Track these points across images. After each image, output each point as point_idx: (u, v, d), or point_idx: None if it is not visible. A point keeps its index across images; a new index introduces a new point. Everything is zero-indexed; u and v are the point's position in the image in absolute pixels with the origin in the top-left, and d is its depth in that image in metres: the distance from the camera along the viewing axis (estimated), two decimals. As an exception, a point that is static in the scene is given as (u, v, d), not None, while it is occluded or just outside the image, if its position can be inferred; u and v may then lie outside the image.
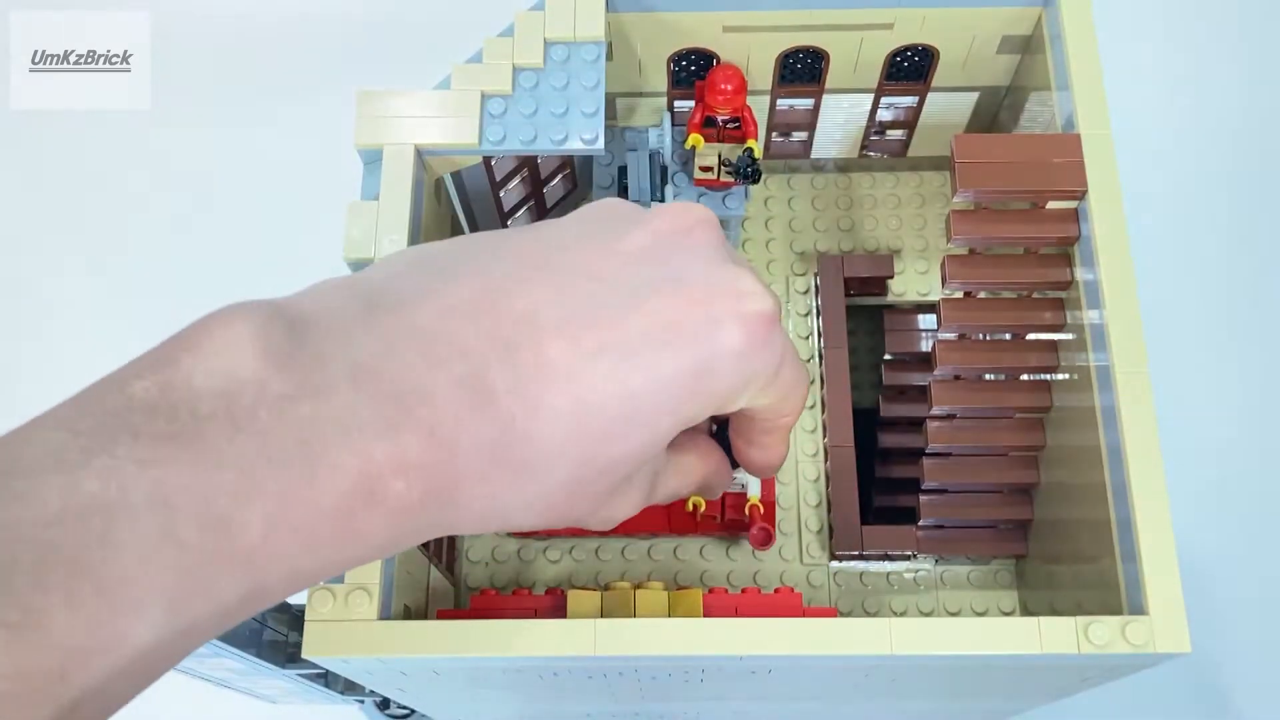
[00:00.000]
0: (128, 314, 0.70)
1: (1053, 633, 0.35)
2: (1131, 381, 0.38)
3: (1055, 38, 0.45)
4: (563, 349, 0.23)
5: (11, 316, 0.73)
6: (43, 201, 0.76)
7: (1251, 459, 0.60)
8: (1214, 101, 0.70)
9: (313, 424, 0.20)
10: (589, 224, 0.28)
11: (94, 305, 0.72)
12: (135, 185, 0.76)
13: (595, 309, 0.24)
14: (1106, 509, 0.39)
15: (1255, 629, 0.57)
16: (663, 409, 0.25)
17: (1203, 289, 0.65)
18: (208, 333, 0.20)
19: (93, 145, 0.76)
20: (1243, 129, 0.69)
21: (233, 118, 0.76)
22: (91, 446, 0.18)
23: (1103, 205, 0.41)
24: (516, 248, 0.26)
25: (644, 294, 0.25)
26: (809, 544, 0.51)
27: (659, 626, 0.36)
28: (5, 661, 0.16)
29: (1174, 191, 0.67)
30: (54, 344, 0.71)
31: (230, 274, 0.69)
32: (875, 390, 0.55)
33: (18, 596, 0.16)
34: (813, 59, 0.50)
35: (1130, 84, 0.61)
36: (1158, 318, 0.49)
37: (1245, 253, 0.66)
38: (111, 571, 0.17)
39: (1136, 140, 0.60)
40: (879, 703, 0.47)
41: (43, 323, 0.72)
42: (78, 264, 0.74)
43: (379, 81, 0.43)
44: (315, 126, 0.65)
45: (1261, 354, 0.63)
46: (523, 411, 0.23)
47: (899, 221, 0.57)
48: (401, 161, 0.42)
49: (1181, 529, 0.37)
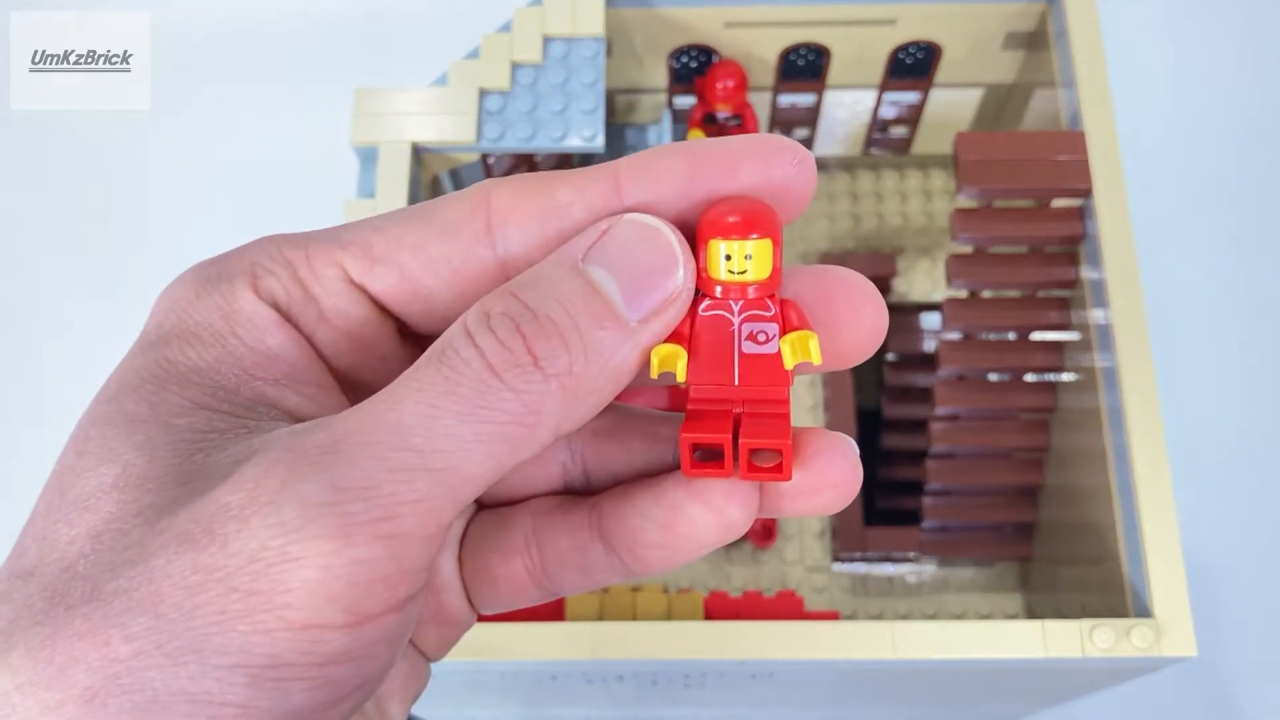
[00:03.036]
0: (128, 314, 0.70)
1: (1057, 636, 0.35)
2: (1137, 382, 0.38)
3: (1060, 34, 0.44)
4: None
5: (11, 316, 0.72)
6: (43, 201, 0.75)
7: (1259, 461, 0.60)
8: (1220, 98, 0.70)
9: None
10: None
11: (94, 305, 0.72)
12: (135, 185, 0.76)
13: None
14: (1112, 511, 0.39)
15: (1262, 633, 0.56)
16: None
17: (1210, 288, 0.64)
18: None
19: (93, 145, 0.76)
20: (1250, 126, 0.69)
21: (233, 117, 0.76)
22: None
23: (1108, 203, 0.40)
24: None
25: None
26: (811, 546, 0.51)
27: (659, 630, 0.35)
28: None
29: (1180, 189, 0.67)
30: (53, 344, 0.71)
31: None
32: (878, 391, 0.54)
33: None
34: (815, 55, 0.50)
35: (1135, 81, 0.61)
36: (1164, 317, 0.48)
37: (1253, 251, 0.65)
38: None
39: (1142, 137, 0.60)
40: (881, 707, 0.47)
41: (42, 322, 0.72)
42: (77, 264, 0.74)
43: (377, 79, 0.43)
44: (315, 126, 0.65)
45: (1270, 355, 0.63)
46: None
47: (902, 220, 0.57)
48: (398, 159, 0.41)
49: (1188, 531, 0.37)
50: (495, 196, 0.18)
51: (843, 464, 0.18)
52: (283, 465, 0.15)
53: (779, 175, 0.17)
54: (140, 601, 0.15)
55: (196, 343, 0.17)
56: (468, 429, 0.15)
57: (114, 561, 0.15)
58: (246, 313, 0.18)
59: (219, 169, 0.76)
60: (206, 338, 0.17)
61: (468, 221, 0.18)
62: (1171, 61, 0.70)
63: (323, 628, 0.15)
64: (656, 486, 0.19)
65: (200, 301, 0.18)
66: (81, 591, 0.15)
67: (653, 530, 0.18)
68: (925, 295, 0.55)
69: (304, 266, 0.18)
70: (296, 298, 0.18)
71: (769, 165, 0.17)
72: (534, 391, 0.16)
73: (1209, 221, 0.67)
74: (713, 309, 0.17)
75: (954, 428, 0.47)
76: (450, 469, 0.15)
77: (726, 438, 0.17)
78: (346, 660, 0.15)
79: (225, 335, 0.17)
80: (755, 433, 0.17)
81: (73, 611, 0.15)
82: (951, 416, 0.47)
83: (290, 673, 0.15)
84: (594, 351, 0.16)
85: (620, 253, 0.17)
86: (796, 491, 0.18)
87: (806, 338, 0.17)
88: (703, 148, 0.18)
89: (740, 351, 0.18)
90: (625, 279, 0.17)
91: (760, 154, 0.17)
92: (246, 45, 0.78)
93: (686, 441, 0.17)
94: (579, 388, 0.16)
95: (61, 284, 0.74)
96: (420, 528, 0.15)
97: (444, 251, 0.18)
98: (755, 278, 0.17)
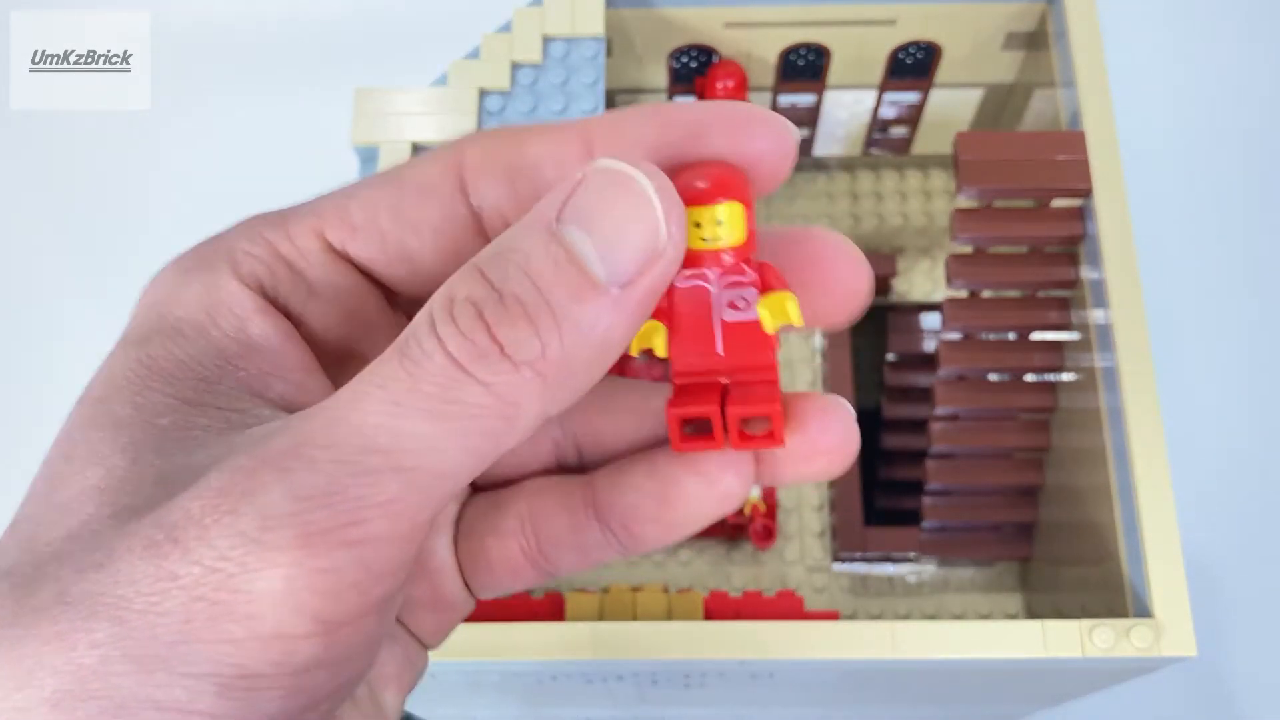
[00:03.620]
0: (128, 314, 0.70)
1: (1057, 636, 0.35)
2: (1137, 382, 0.38)
3: (1060, 34, 0.44)
4: None
5: (11, 316, 0.72)
6: (43, 201, 0.75)
7: (1259, 460, 0.60)
8: (1221, 98, 0.70)
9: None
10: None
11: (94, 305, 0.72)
12: (135, 185, 0.76)
13: None
14: (1112, 511, 0.39)
15: (1262, 633, 0.56)
16: None
17: (1210, 288, 0.64)
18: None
19: (93, 145, 0.76)
20: (1250, 126, 0.69)
21: (233, 117, 0.76)
22: None
23: (1108, 203, 0.40)
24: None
25: None
26: (811, 546, 0.51)
27: (659, 630, 0.35)
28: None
29: (1180, 189, 0.67)
30: (53, 344, 0.71)
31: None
32: (878, 391, 0.54)
33: None
34: (815, 55, 0.50)
35: (1135, 81, 0.61)
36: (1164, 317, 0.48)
37: (1253, 251, 0.65)
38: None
39: (1142, 137, 0.60)
40: (881, 707, 0.47)
41: (42, 322, 0.72)
42: (77, 264, 0.74)
43: (377, 79, 0.43)
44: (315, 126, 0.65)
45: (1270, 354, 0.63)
46: None
47: (902, 220, 0.57)
48: (398, 159, 0.41)
49: (1188, 531, 0.37)
50: (467, 154, 0.17)
51: (837, 427, 0.17)
52: (244, 473, 0.15)
53: (751, 148, 0.17)
54: (106, 606, 0.14)
55: (178, 337, 0.17)
56: (437, 426, 0.15)
57: (83, 564, 0.15)
58: (227, 302, 0.17)
59: (219, 169, 0.76)
60: (188, 331, 0.17)
61: (440, 182, 0.17)
62: (1171, 61, 0.70)
63: (292, 638, 0.14)
64: (650, 460, 0.18)
65: (180, 294, 0.17)
66: (50, 593, 0.15)
67: (648, 505, 0.18)
68: (925, 295, 0.55)
69: (285, 243, 0.18)
70: (282, 276, 0.18)
71: (738, 136, 0.17)
72: (505, 382, 0.15)
73: (1209, 221, 0.67)
74: (690, 279, 0.17)
75: (954, 428, 0.47)
76: (420, 468, 0.15)
77: (715, 409, 0.16)
78: (320, 667, 0.15)
79: (207, 327, 0.17)
80: (743, 400, 0.16)
81: (40, 614, 0.14)
82: (951, 416, 0.47)
83: (261, 682, 0.14)
84: (572, 330, 0.15)
85: (597, 208, 0.15)
86: (792, 457, 0.17)
87: (784, 299, 0.16)
88: (672, 111, 0.17)
89: (722, 320, 0.17)
90: (602, 238, 0.15)
91: (731, 123, 0.17)
92: (246, 45, 0.78)
93: (674, 417, 0.17)
94: (558, 371, 0.15)
95: (61, 284, 0.74)
96: (390, 530, 0.15)
97: (422, 214, 0.17)
98: (730, 244, 0.16)
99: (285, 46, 0.79)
